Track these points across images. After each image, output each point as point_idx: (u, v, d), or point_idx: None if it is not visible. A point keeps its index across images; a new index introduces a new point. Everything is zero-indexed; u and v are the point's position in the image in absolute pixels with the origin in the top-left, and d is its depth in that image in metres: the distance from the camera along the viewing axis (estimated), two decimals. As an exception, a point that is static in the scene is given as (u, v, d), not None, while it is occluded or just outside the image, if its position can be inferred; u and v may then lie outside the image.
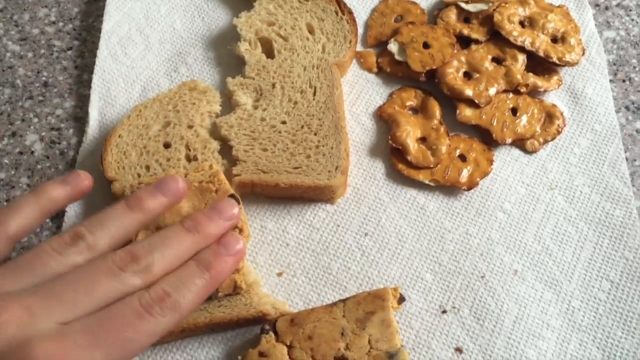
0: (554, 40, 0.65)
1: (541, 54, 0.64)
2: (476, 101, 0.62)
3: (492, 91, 0.63)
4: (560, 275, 0.55)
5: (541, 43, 0.64)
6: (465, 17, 0.67)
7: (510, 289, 0.55)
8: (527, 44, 0.64)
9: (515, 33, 0.64)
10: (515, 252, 0.56)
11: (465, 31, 0.66)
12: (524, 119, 0.62)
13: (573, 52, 0.64)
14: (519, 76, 0.63)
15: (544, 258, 0.56)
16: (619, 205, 0.58)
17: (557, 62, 0.64)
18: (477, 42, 0.65)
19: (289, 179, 0.56)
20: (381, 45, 0.68)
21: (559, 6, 0.68)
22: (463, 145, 0.61)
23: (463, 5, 0.67)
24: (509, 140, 0.61)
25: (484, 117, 0.62)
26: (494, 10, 0.65)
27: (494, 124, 0.61)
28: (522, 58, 0.64)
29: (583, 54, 0.65)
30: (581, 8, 0.70)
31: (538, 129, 0.61)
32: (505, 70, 0.63)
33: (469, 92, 0.62)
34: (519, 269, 0.56)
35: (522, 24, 0.66)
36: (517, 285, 0.55)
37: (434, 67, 0.64)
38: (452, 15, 0.67)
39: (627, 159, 0.61)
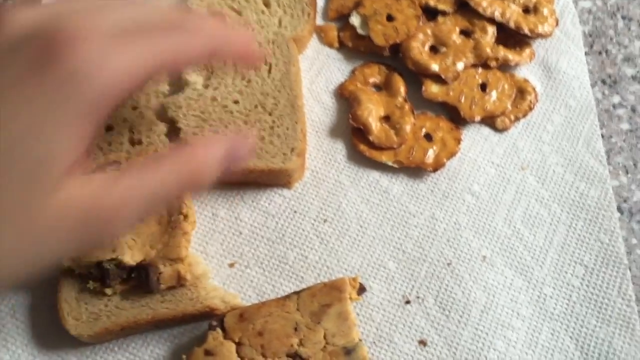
0: (526, 10, 0.61)
1: (512, 25, 0.60)
2: (443, 77, 0.58)
3: (459, 66, 0.59)
4: (532, 261, 0.52)
5: (512, 14, 0.60)
6: (432, -13, 0.63)
7: (478, 276, 0.51)
8: (497, 15, 0.60)
9: (484, 4, 0.60)
10: (484, 237, 0.53)
11: (432, 2, 0.61)
12: (494, 94, 0.58)
13: (546, 23, 0.60)
14: (488, 49, 0.59)
15: (515, 243, 0.53)
16: (594, 185, 0.55)
17: (528, 34, 0.60)
18: (444, 13, 0.61)
19: (241, 163, 0.52)
20: (343, 19, 0.63)
21: (531, -25, 0.64)
22: (429, 124, 0.57)
23: None
24: (477, 118, 0.57)
25: (451, 93, 0.58)
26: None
27: (462, 101, 0.57)
28: (491, 30, 0.60)
29: (557, 24, 0.61)
30: (555, -23, 0.66)
31: (509, 105, 0.58)
32: (474, 43, 0.59)
33: (435, 67, 0.58)
34: (488, 254, 0.52)
35: None
36: (485, 272, 0.51)
37: (398, 41, 0.60)
38: (417, -15, 0.63)
39: (602, 136, 0.58)
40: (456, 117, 0.58)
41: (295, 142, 0.53)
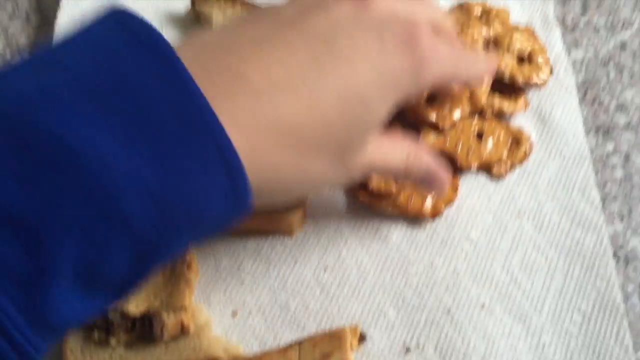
0: (521, 60, 0.63)
1: (506, 79, 0.61)
2: (439, 126, 0.59)
3: (456, 115, 0.60)
4: (530, 308, 0.53)
5: (507, 66, 0.61)
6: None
7: (477, 324, 0.52)
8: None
9: None
10: (483, 284, 0.54)
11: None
12: (490, 143, 0.59)
13: (540, 72, 0.62)
14: (483, 99, 0.60)
15: (513, 290, 0.53)
16: (590, 232, 0.56)
17: (522, 86, 0.61)
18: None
19: (243, 213, 0.53)
20: None
21: (525, 27, 0.66)
22: (429, 172, 0.59)
23: None
24: (474, 166, 0.58)
25: (448, 143, 0.59)
26: (458, 33, 0.63)
27: (459, 150, 0.59)
28: (486, 79, 0.62)
29: (551, 73, 0.63)
30: (548, 27, 0.68)
31: (505, 153, 0.59)
32: (470, 92, 0.61)
33: (432, 116, 0.60)
34: (487, 302, 0.53)
35: (486, 45, 0.64)
36: (484, 319, 0.52)
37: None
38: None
39: (597, 184, 0.59)
40: (453, 166, 0.59)
41: (296, 191, 0.54)
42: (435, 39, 0.43)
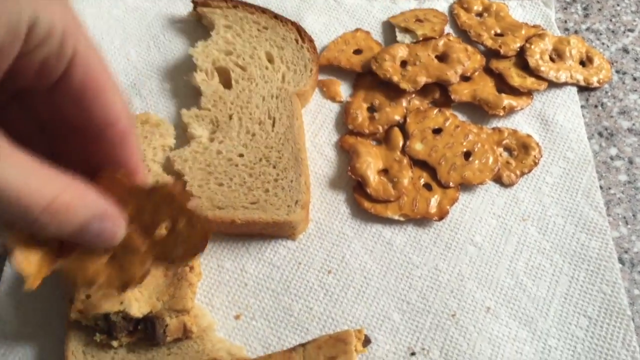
0: (582, 64, 0.66)
1: (583, 83, 0.65)
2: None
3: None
4: (535, 312, 0.52)
5: (574, 71, 0.65)
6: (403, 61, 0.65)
7: (482, 327, 0.51)
8: (567, 79, 0.65)
9: (552, 72, 0.64)
10: (488, 288, 0.53)
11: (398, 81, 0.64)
12: (476, 164, 0.59)
13: (604, 70, 0.66)
14: (491, 98, 0.61)
15: (518, 294, 0.53)
16: (595, 236, 0.56)
17: (597, 85, 0.65)
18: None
19: (246, 215, 0.53)
20: (332, 68, 0.66)
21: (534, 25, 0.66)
22: (426, 174, 0.58)
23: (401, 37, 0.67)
24: (451, 184, 0.57)
25: (433, 154, 0.59)
26: (525, 56, 0.64)
27: (442, 164, 0.58)
28: (491, 83, 0.63)
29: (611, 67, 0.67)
30: (550, 31, 0.68)
31: (488, 180, 0.58)
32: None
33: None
34: (492, 306, 0.52)
35: (551, 58, 0.65)
36: (490, 323, 0.52)
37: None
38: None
39: (601, 187, 0.59)
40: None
41: (299, 194, 0.54)
42: None
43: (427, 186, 0.58)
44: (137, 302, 0.47)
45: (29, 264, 0.36)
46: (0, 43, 0.30)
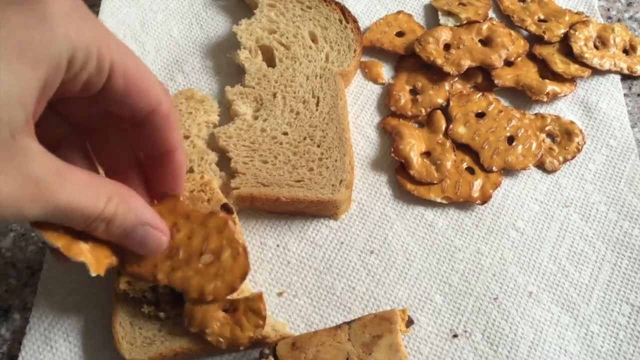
0: (625, 52, 0.66)
1: (626, 71, 0.64)
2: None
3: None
4: (578, 298, 0.52)
5: (618, 60, 0.64)
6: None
7: (525, 312, 0.51)
8: (611, 66, 0.64)
9: (596, 60, 0.63)
10: (530, 272, 0.53)
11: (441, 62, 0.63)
12: (519, 149, 0.58)
13: None
14: (535, 84, 0.61)
15: (560, 279, 0.53)
16: (638, 224, 0.55)
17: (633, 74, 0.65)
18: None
19: (291, 193, 0.53)
20: (373, 50, 0.65)
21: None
22: (469, 158, 0.58)
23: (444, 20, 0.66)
24: (495, 169, 0.57)
25: (476, 138, 0.59)
26: (570, 43, 0.64)
27: (485, 148, 0.58)
28: (534, 69, 0.62)
29: None
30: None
31: (531, 165, 0.58)
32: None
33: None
34: (534, 290, 0.52)
35: (595, 46, 0.65)
36: (532, 308, 0.52)
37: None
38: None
39: (644, 176, 0.58)
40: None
41: (343, 174, 0.54)
42: None
43: (470, 170, 0.58)
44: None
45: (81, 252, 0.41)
46: (44, 80, 0.34)
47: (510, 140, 0.59)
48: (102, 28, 0.38)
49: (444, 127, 0.60)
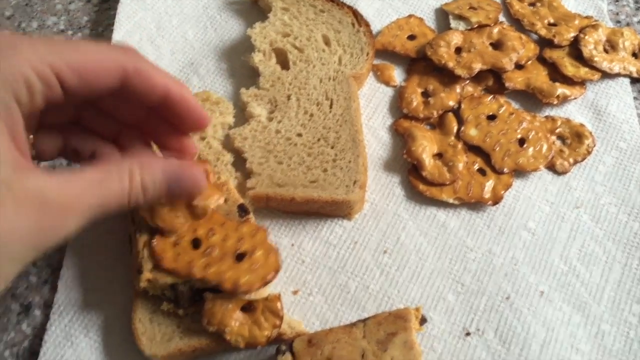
0: (634, 55, 0.66)
1: (636, 75, 0.65)
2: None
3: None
4: (589, 298, 0.53)
5: (628, 63, 0.65)
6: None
7: (537, 311, 0.52)
8: (620, 70, 0.65)
9: (605, 63, 0.64)
10: (541, 272, 0.54)
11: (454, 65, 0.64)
12: (530, 151, 0.59)
13: None
14: (545, 87, 0.62)
15: (571, 279, 0.54)
16: (648, 226, 0.56)
17: None
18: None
19: (305, 193, 0.54)
20: (385, 53, 0.66)
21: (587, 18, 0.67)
22: (480, 159, 0.59)
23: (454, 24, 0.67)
24: (506, 170, 0.58)
25: (487, 140, 0.59)
26: (579, 46, 0.65)
27: (496, 150, 0.59)
28: (544, 72, 0.63)
29: None
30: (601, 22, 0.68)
31: (542, 167, 0.59)
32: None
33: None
34: (546, 290, 0.53)
35: (604, 49, 0.66)
36: (543, 307, 0.52)
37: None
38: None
39: (654, 178, 0.59)
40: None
41: (357, 174, 0.55)
42: None
43: (481, 171, 0.58)
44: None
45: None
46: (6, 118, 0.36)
47: (521, 142, 0.60)
48: (114, 47, 0.42)
49: (455, 129, 0.60)
